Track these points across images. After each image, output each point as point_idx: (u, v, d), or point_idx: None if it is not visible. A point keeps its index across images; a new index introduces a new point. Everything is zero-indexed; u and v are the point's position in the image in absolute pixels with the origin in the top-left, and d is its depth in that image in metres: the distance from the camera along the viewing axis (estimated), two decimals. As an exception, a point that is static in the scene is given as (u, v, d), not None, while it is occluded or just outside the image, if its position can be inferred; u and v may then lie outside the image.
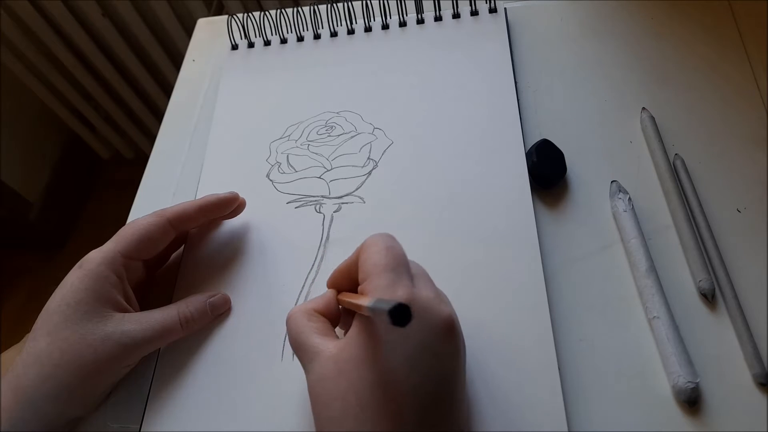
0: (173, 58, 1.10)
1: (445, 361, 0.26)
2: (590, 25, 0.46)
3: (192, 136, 0.47)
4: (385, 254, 0.27)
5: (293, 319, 0.30)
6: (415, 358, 0.25)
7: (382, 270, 0.27)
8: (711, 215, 0.35)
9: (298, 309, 0.30)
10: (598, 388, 0.31)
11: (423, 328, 0.26)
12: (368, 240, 0.29)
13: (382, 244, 0.28)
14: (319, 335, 0.28)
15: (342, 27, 0.50)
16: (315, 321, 0.30)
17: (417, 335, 0.25)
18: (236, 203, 0.39)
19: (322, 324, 0.30)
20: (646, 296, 0.33)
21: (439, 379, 0.26)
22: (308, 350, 0.28)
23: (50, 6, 0.99)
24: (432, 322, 0.26)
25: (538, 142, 0.39)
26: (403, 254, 0.28)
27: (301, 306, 0.31)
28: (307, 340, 0.28)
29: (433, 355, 0.26)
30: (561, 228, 0.37)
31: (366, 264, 0.28)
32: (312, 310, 0.30)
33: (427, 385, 0.25)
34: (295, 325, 0.29)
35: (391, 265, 0.27)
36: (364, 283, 0.27)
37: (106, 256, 0.33)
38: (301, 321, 0.29)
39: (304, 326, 0.29)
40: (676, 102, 0.40)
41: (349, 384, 0.25)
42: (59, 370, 0.31)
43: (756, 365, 0.30)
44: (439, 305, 0.27)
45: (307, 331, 0.29)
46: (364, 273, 0.28)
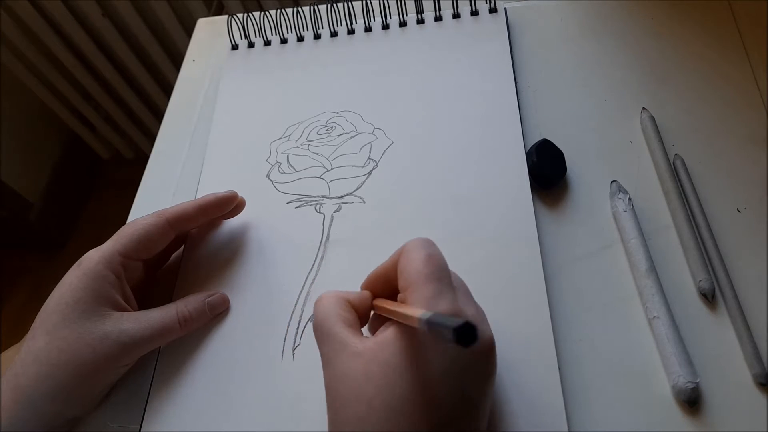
0: (173, 58, 1.10)
1: (479, 382, 0.25)
2: (590, 25, 0.46)
3: (192, 136, 0.47)
4: (427, 262, 0.26)
5: (324, 302, 0.28)
6: (452, 377, 0.24)
7: (425, 279, 0.26)
8: (711, 215, 0.35)
9: (332, 294, 0.29)
10: (598, 388, 0.31)
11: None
12: (409, 244, 0.28)
13: (424, 250, 0.27)
14: (348, 327, 0.27)
15: (342, 27, 0.50)
16: (346, 311, 0.28)
17: (455, 354, 0.24)
18: (235, 202, 0.39)
19: (353, 317, 0.28)
20: (646, 296, 0.33)
21: (470, 398, 0.25)
22: (333, 340, 0.27)
23: (50, 6, 0.99)
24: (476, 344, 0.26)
25: (538, 142, 0.39)
26: (445, 264, 0.27)
27: (336, 292, 0.29)
28: (334, 328, 0.27)
29: (470, 374, 0.25)
30: (561, 228, 0.37)
31: (407, 271, 0.26)
32: (346, 300, 0.29)
33: (460, 404, 0.24)
34: (325, 310, 0.28)
35: (435, 275, 0.26)
36: (406, 291, 0.26)
37: (104, 255, 0.33)
38: (332, 307, 0.28)
39: (333, 313, 0.28)
40: (676, 102, 0.40)
41: (376, 390, 0.24)
42: (58, 370, 0.31)
43: (756, 365, 0.30)
44: (482, 325, 0.26)
45: (336, 319, 0.27)
46: (405, 280, 0.26)
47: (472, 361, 0.25)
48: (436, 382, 0.24)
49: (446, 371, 0.24)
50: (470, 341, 0.20)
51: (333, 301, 0.28)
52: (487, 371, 0.26)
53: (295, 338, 0.35)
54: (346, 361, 0.26)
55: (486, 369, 0.26)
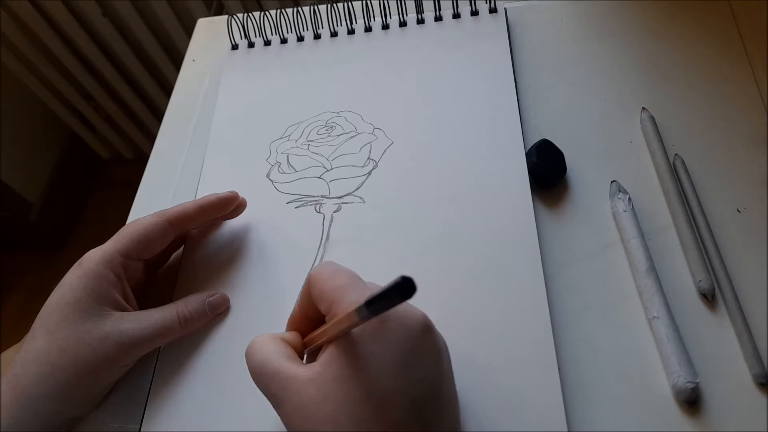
0: (173, 58, 1.10)
1: (429, 361, 0.26)
2: (590, 25, 0.46)
3: (192, 136, 0.47)
4: (339, 277, 0.27)
5: (259, 344, 0.28)
6: (399, 364, 0.25)
7: (346, 289, 0.26)
8: (711, 215, 0.35)
9: (263, 336, 0.29)
10: (598, 388, 0.31)
11: (400, 332, 0.25)
12: (312, 274, 0.28)
13: (329, 270, 0.28)
14: (290, 359, 0.27)
15: (342, 27, 0.50)
16: (284, 347, 0.28)
17: (397, 341, 0.25)
18: (236, 202, 0.39)
19: (291, 351, 0.28)
20: (646, 296, 0.33)
21: (427, 380, 0.25)
22: (280, 377, 0.26)
23: (50, 6, 0.99)
24: (408, 325, 0.26)
25: (538, 142, 0.39)
26: (353, 272, 0.28)
27: (266, 335, 0.29)
28: (279, 366, 0.27)
29: (416, 359, 0.25)
30: (561, 228, 0.37)
31: (324, 293, 0.27)
32: (279, 338, 0.29)
33: (416, 389, 0.25)
34: (262, 350, 0.28)
35: (350, 282, 0.27)
36: (332, 308, 0.26)
37: (104, 255, 0.33)
38: (270, 345, 0.28)
39: (273, 351, 0.27)
40: (676, 102, 0.40)
41: (337, 406, 0.24)
42: (58, 369, 0.31)
43: (756, 365, 0.30)
44: (410, 308, 0.26)
45: (278, 356, 0.27)
46: (327, 301, 0.27)
47: (414, 343, 0.25)
48: (390, 379, 0.24)
49: (395, 362, 0.25)
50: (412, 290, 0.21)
51: (268, 342, 0.28)
52: (432, 347, 0.26)
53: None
54: (301, 392, 0.25)
55: (430, 345, 0.26)
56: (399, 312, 0.26)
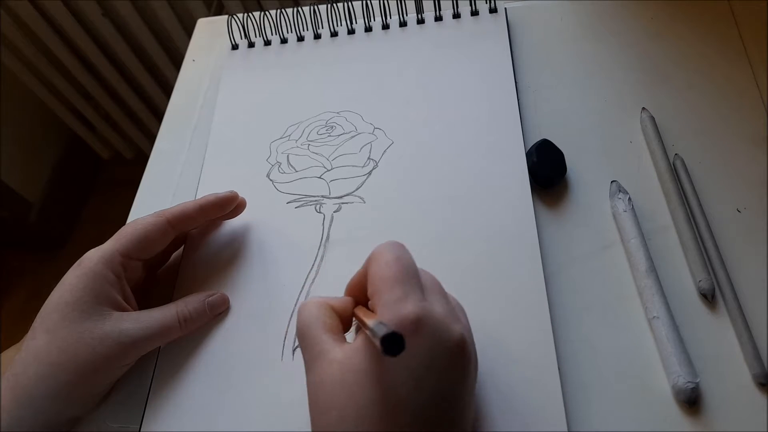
0: (173, 58, 1.10)
1: (452, 382, 0.25)
2: (590, 25, 0.46)
3: (192, 136, 0.47)
4: (393, 266, 0.26)
5: (307, 307, 0.28)
6: (419, 377, 0.24)
7: (391, 284, 0.26)
8: (711, 215, 0.35)
9: (315, 300, 0.29)
10: (598, 388, 0.31)
11: (432, 346, 0.24)
12: (375, 251, 0.28)
13: (391, 254, 0.27)
14: (329, 333, 0.27)
15: (342, 27, 0.50)
16: (329, 317, 0.28)
17: (424, 353, 0.24)
18: (236, 202, 0.39)
19: (335, 322, 0.28)
20: (646, 296, 0.33)
21: (443, 400, 0.25)
22: (314, 345, 0.27)
23: (50, 6, 0.99)
24: (441, 342, 0.25)
25: (538, 142, 0.39)
26: (412, 265, 0.27)
27: (319, 298, 0.29)
28: (316, 334, 0.27)
29: (438, 375, 0.24)
30: (561, 228, 0.37)
31: (374, 278, 0.27)
32: (328, 305, 0.29)
33: (429, 405, 0.24)
34: (308, 315, 0.28)
35: (400, 277, 0.26)
36: (374, 298, 0.26)
37: (104, 254, 0.33)
38: (315, 312, 0.28)
39: (316, 318, 0.28)
40: (676, 102, 0.40)
41: (349, 396, 0.24)
42: (58, 369, 0.31)
43: (756, 365, 0.30)
44: (451, 324, 0.25)
45: (318, 325, 0.27)
46: (372, 287, 0.27)
47: (442, 362, 0.25)
48: (407, 386, 0.24)
49: (416, 374, 0.24)
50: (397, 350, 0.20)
51: (316, 307, 0.28)
52: (460, 370, 0.25)
53: (294, 338, 0.35)
54: (324, 368, 0.26)
55: (459, 368, 0.25)
56: (437, 324, 0.25)
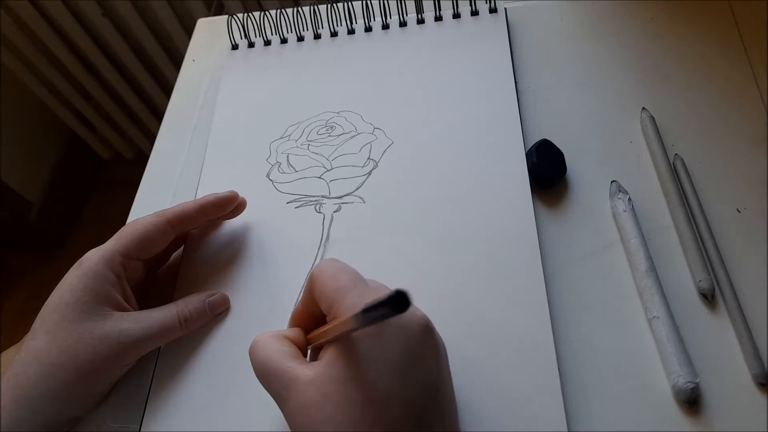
0: (173, 58, 1.10)
1: (429, 363, 0.26)
2: (590, 25, 0.46)
3: (192, 136, 0.47)
4: (340, 277, 0.27)
5: (262, 343, 0.28)
6: (399, 367, 0.25)
7: (345, 291, 0.26)
8: (711, 215, 0.35)
9: (267, 334, 0.29)
10: (598, 388, 0.31)
11: (401, 334, 0.25)
12: (314, 272, 0.28)
13: (332, 269, 0.28)
14: (294, 359, 0.27)
15: (342, 27, 0.50)
16: (287, 345, 0.28)
17: (397, 344, 0.25)
18: (236, 202, 0.39)
19: (295, 350, 0.28)
20: (646, 296, 0.33)
21: (426, 383, 0.25)
22: (283, 376, 0.26)
23: (50, 6, 0.99)
24: (409, 327, 0.25)
25: (538, 142, 0.39)
26: (355, 271, 0.28)
27: (268, 333, 0.29)
28: (282, 365, 0.27)
29: (416, 361, 0.25)
30: (561, 228, 0.37)
31: (325, 293, 0.27)
32: (282, 336, 0.29)
33: (416, 391, 0.25)
34: (266, 350, 0.28)
35: (350, 283, 0.27)
36: (333, 309, 0.27)
37: (104, 254, 0.33)
38: (273, 344, 0.28)
39: (276, 350, 0.28)
40: (676, 102, 0.40)
41: (336, 407, 0.24)
42: (58, 369, 0.31)
43: (756, 365, 0.30)
44: (413, 309, 0.26)
45: (281, 355, 0.27)
46: (327, 302, 0.27)
47: (415, 346, 0.25)
48: (390, 379, 0.24)
49: (395, 365, 0.25)
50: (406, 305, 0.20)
51: (271, 341, 0.28)
52: (432, 349, 0.26)
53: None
54: (302, 392, 0.26)
55: (430, 347, 0.26)
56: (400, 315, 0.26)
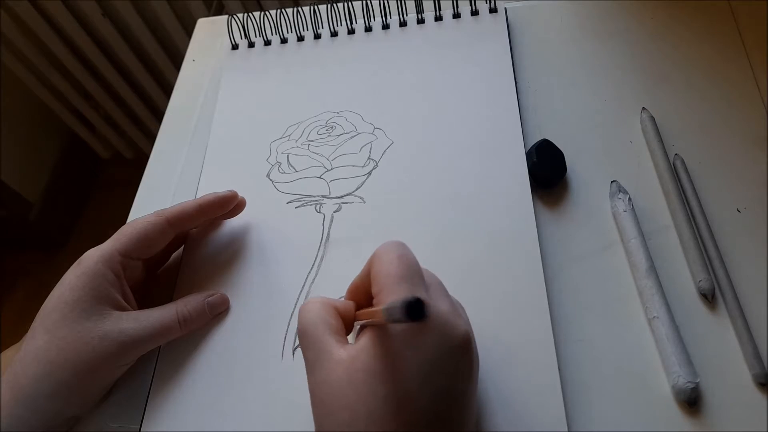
0: (173, 58, 1.10)
1: (458, 379, 0.25)
2: (590, 25, 0.46)
3: (192, 136, 0.47)
4: (397, 264, 0.26)
5: (311, 307, 0.28)
6: (428, 374, 0.24)
7: (396, 281, 0.26)
8: (711, 215, 0.35)
9: (318, 299, 0.29)
10: (598, 388, 0.31)
11: (438, 343, 0.25)
12: (379, 250, 0.28)
13: (394, 253, 0.27)
14: (333, 334, 0.27)
15: (342, 27, 0.50)
16: (332, 318, 0.28)
17: (432, 351, 0.25)
18: (235, 201, 0.39)
19: (339, 324, 0.28)
20: (646, 296, 0.33)
21: (451, 396, 0.25)
22: (317, 346, 0.27)
23: (50, 6, 0.99)
24: (447, 339, 0.25)
25: (538, 142, 0.39)
26: (416, 263, 0.27)
27: (322, 298, 0.29)
28: (320, 335, 0.27)
29: (446, 372, 0.25)
30: (561, 228, 0.37)
31: (379, 276, 0.27)
32: (332, 306, 0.29)
33: (438, 402, 0.25)
34: (312, 315, 0.28)
35: (404, 275, 0.26)
36: (379, 296, 0.26)
37: (103, 254, 0.33)
38: (319, 312, 0.28)
39: (320, 318, 0.28)
40: (676, 102, 0.40)
41: (358, 395, 0.24)
42: (57, 369, 0.31)
43: (756, 365, 0.30)
44: (456, 321, 0.26)
45: (322, 325, 0.27)
46: (377, 285, 0.27)
47: (449, 358, 0.25)
48: (416, 383, 0.24)
49: (424, 371, 0.24)
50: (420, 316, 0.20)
51: (319, 307, 0.28)
52: (465, 367, 0.26)
53: (295, 338, 0.35)
54: (330, 369, 0.26)
55: (464, 364, 0.26)
56: (443, 322, 0.25)
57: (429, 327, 0.25)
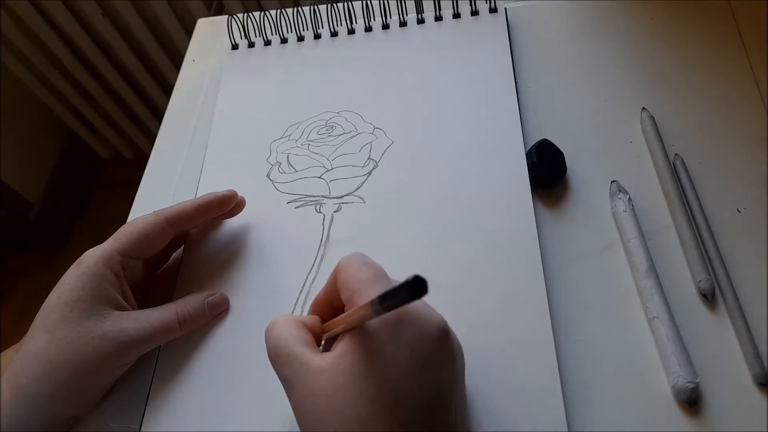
0: (173, 58, 1.10)
1: (443, 367, 0.26)
2: (590, 25, 0.46)
3: (192, 136, 0.47)
4: (365, 269, 0.27)
5: (279, 325, 0.28)
6: (411, 366, 0.24)
7: (368, 283, 0.26)
8: (711, 215, 0.35)
9: (285, 317, 0.29)
10: (598, 388, 0.31)
11: (417, 335, 0.25)
12: (342, 262, 0.28)
13: (358, 261, 0.28)
14: (307, 346, 0.27)
15: (342, 27, 0.50)
16: (303, 332, 0.28)
17: (412, 343, 0.25)
18: (235, 201, 0.39)
19: (310, 337, 0.28)
20: (646, 296, 0.33)
21: (438, 387, 0.25)
22: (293, 361, 0.26)
23: (50, 6, 0.99)
24: (425, 329, 0.25)
25: (538, 142, 0.39)
26: (381, 267, 0.28)
27: (288, 315, 0.29)
28: (293, 349, 0.27)
29: (430, 363, 0.25)
30: (561, 228, 0.37)
31: (348, 282, 0.27)
32: (300, 321, 0.29)
33: (426, 394, 0.25)
34: (281, 332, 0.28)
35: (374, 277, 0.27)
36: (353, 299, 0.26)
37: (103, 254, 0.33)
38: (289, 329, 0.28)
39: (291, 334, 0.28)
40: (676, 102, 0.40)
41: (345, 400, 0.24)
42: (57, 368, 0.31)
43: (756, 365, 0.30)
44: (430, 311, 0.26)
45: (295, 340, 0.27)
46: (348, 291, 0.27)
47: (431, 348, 0.25)
48: (402, 380, 0.24)
49: (409, 366, 0.24)
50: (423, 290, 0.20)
51: (288, 324, 0.28)
52: (447, 354, 0.26)
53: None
54: (311, 381, 0.25)
55: (447, 353, 0.26)
56: (417, 314, 0.25)
57: (405, 321, 0.25)
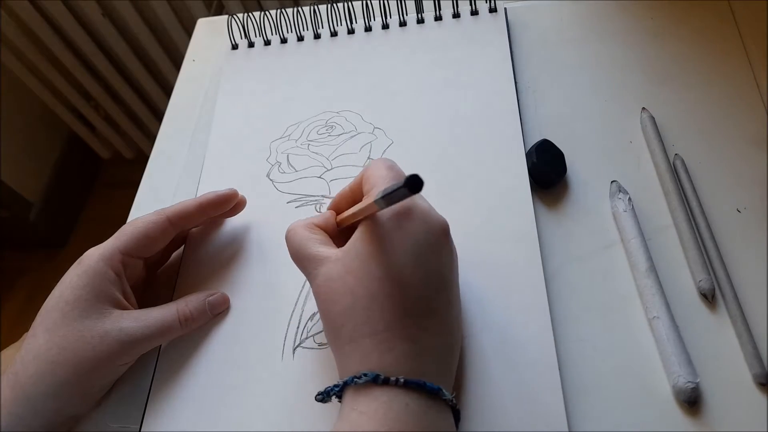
0: (173, 58, 1.10)
1: (444, 258, 0.29)
2: (590, 25, 0.46)
3: (192, 136, 0.47)
4: (388, 171, 0.30)
5: (294, 232, 0.31)
6: (418, 253, 0.27)
7: (387, 180, 0.29)
8: (711, 215, 0.35)
9: (298, 223, 0.32)
10: (598, 388, 0.31)
11: (422, 229, 0.28)
12: (373, 162, 0.31)
13: (385, 164, 0.31)
14: (323, 245, 0.30)
15: (342, 27, 0.50)
16: (317, 233, 0.31)
17: (419, 235, 0.28)
18: (236, 200, 0.39)
19: (324, 236, 0.31)
20: (646, 296, 0.33)
21: (440, 273, 0.28)
22: (313, 259, 0.30)
23: (50, 6, 0.99)
24: (430, 225, 0.28)
25: (538, 142, 0.39)
26: (402, 172, 0.30)
27: (300, 221, 0.32)
28: (312, 249, 0.30)
29: (433, 251, 0.28)
30: (561, 228, 0.37)
31: (371, 178, 0.30)
32: (312, 224, 0.32)
33: (430, 277, 0.28)
34: (298, 237, 0.31)
35: (394, 178, 0.29)
36: (372, 192, 0.29)
37: (104, 253, 0.33)
38: (303, 233, 0.31)
39: (307, 238, 0.31)
40: (676, 102, 0.40)
41: (357, 279, 0.27)
42: (57, 367, 0.31)
43: (756, 365, 0.30)
44: (436, 213, 0.29)
45: (311, 242, 0.30)
46: (369, 184, 0.30)
47: (434, 240, 0.28)
48: (407, 262, 0.27)
49: (413, 252, 0.27)
50: (419, 185, 0.23)
51: (301, 228, 0.31)
52: (448, 254, 0.29)
53: (295, 338, 0.35)
54: (329, 267, 0.29)
55: (447, 252, 0.29)
56: (424, 211, 0.28)
57: (413, 215, 0.28)
